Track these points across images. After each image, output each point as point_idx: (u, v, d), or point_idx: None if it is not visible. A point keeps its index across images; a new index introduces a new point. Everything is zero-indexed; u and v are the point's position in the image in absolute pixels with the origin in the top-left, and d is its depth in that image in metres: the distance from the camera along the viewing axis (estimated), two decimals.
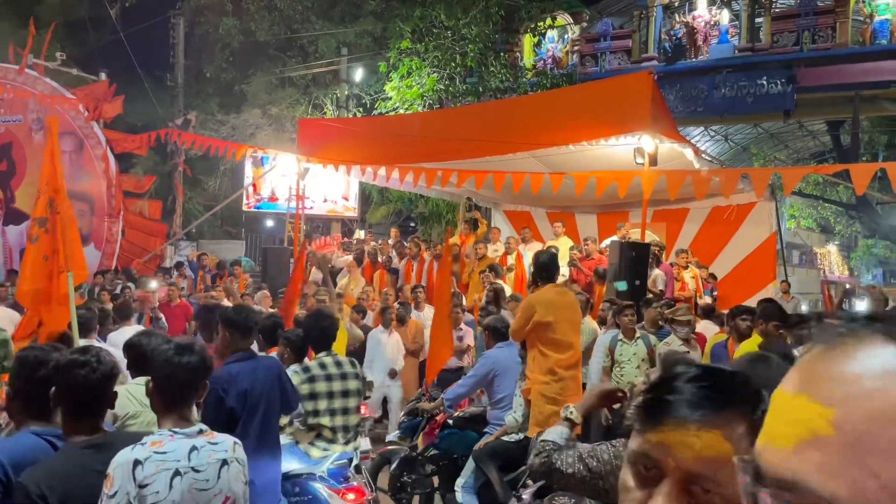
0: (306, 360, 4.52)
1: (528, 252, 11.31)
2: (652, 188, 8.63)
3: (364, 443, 5.23)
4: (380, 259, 11.98)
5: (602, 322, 7.32)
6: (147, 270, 14.15)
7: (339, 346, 6.71)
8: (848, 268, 39.92)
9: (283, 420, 4.24)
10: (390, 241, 13.07)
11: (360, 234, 15.84)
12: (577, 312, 5.38)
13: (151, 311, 9.60)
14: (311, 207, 16.08)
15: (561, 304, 5.06)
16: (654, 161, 8.68)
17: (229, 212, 16.18)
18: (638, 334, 6.43)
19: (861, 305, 33.03)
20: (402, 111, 15.86)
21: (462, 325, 8.12)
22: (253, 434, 3.49)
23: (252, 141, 15.38)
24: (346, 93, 17.56)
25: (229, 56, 17.37)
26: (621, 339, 6.42)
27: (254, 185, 16.01)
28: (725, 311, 7.88)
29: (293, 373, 4.23)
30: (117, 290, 11.74)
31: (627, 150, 8.97)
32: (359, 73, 17.95)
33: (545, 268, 5.21)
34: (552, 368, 4.86)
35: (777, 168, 15.83)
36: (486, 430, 5.39)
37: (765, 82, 15.51)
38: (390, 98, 16.02)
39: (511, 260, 10.69)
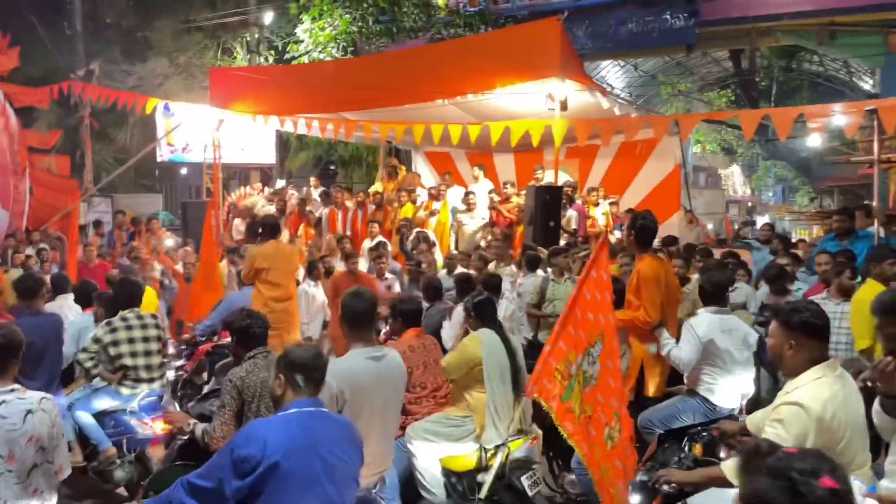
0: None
1: (451, 196, 11.68)
2: (562, 135, 9.05)
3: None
4: (304, 210, 12.05)
5: (519, 266, 7.77)
6: (63, 229, 13.78)
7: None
8: (750, 187, 42.17)
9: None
10: (313, 191, 13.13)
11: (280, 182, 15.77)
12: (291, 262, 6.88)
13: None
14: (227, 158, 15.82)
15: (276, 255, 6.51)
16: (564, 105, 9.08)
17: (143, 163, 15.73)
18: (566, 276, 6.93)
19: (763, 220, 35.04)
20: (315, 54, 15.63)
21: (388, 274, 8.42)
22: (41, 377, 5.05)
23: (161, 91, 14.90)
24: (257, 37, 17.09)
25: (130, 1, 16.54)
26: (553, 280, 6.89)
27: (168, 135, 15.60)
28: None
29: (99, 327, 5.20)
30: (31, 253, 11.47)
31: (540, 95, 9.31)
32: (269, 16, 17.44)
33: (270, 228, 6.80)
34: (266, 302, 6.24)
35: (675, 115, 16.56)
36: None
37: (668, 17, 16.05)
38: (303, 41, 15.75)
39: (438, 205, 10.99)
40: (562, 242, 8.80)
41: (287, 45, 16.49)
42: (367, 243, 9.83)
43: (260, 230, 7.00)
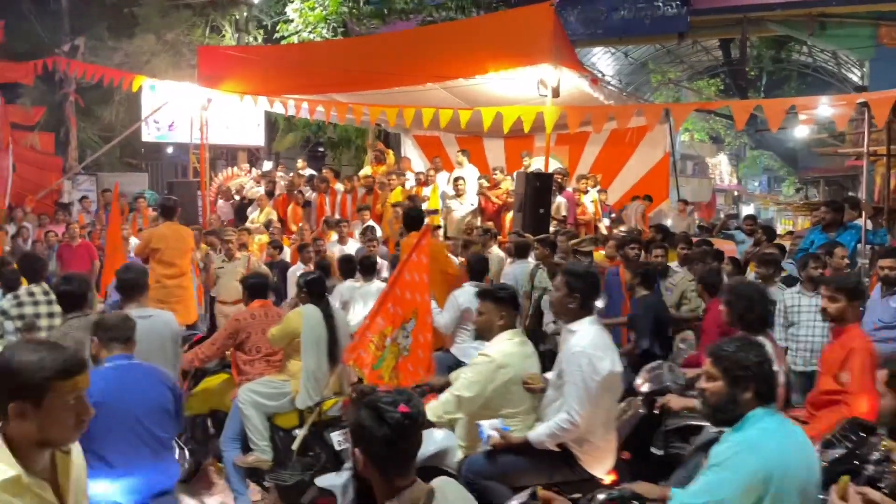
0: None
1: (440, 181, 11.65)
2: (554, 122, 9.03)
3: None
4: (292, 192, 11.98)
5: (508, 253, 7.76)
6: (44, 207, 13.62)
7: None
8: (737, 176, 42.42)
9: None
10: (302, 173, 13.04)
11: (267, 164, 15.64)
12: (186, 241, 7.35)
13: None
14: (213, 138, 15.65)
15: (170, 236, 7.13)
16: (557, 92, 9.05)
17: (128, 141, 15.52)
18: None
19: (748, 210, 35.21)
20: (305, 34, 15.47)
21: (378, 259, 8.38)
22: None
23: (147, 68, 14.68)
24: (246, 15, 16.86)
25: None
26: (541, 268, 6.90)
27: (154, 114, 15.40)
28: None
29: (6, 300, 5.32)
30: (13, 232, 11.34)
31: (532, 81, 9.28)
32: None
33: (167, 210, 7.43)
34: (158, 279, 6.82)
35: (668, 104, 16.52)
36: None
37: (661, 4, 15.98)
38: (293, 21, 15.56)
39: (427, 191, 10.96)
40: (551, 229, 8.82)
41: (276, 24, 16.29)
42: (357, 227, 9.79)
43: (161, 212, 7.63)
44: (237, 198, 13.34)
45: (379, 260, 8.46)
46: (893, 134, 8.31)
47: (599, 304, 4.24)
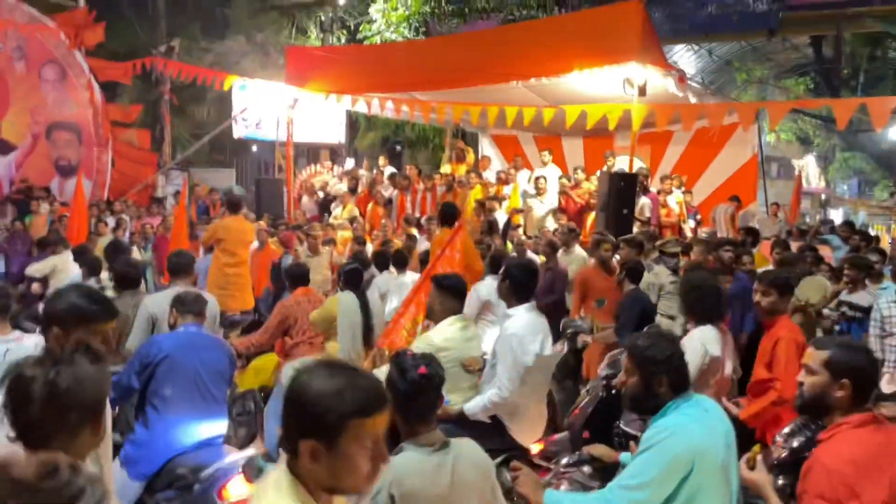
0: None
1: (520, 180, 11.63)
2: (641, 121, 8.88)
3: None
4: (373, 190, 12.18)
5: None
6: (140, 201, 14.31)
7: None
8: (825, 179, 40.60)
9: None
10: (384, 171, 13.24)
11: (349, 162, 15.95)
12: (247, 234, 7.81)
13: None
14: (298, 135, 16.10)
15: (234, 228, 7.47)
16: (643, 90, 8.90)
17: (216, 139, 16.13)
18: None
19: (836, 214, 33.69)
20: (387, 34, 15.71)
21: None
22: None
23: (237, 68, 15.19)
24: (330, 15, 17.25)
25: None
26: None
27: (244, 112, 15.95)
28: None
29: (91, 282, 5.64)
30: (113, 225, 11.93)
31: (617, 79, 9.14)
32: None
33: (231, 205, 7.70)
34: (220, 267, 7.32)
35: (764, 102, 15.97)
36: None
37: (751, 0, 15.50)
38: (375, 21, 15.83)
39: (508, 190, 10.98)
40: (634, 230, 8.68)
41: (359, 24, 16.61)
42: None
43: (225, 205, 8.13)
44: (321, 194, 13.67)
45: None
46: None
47: None
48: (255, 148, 19.35)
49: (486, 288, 5.92)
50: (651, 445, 2.47)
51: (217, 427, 3.85)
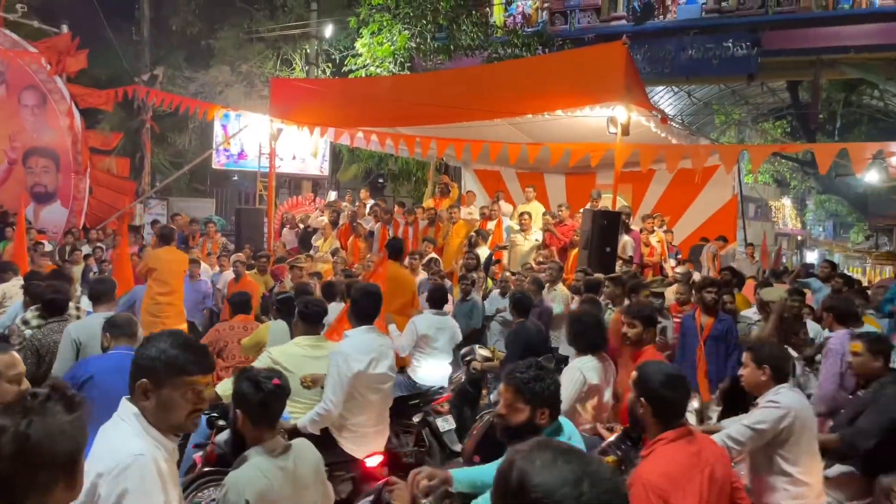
0: None
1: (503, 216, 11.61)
2: (624, 160, 8.92)
3: None
4: (354, 223, 12.09)
5: (576, 291, 7.63)
6: (119, 229, 14.08)
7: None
8: (801, 221, 41.22)
9: None
10: (366, 203, 13.18)
11: (331, 194, 15.87)
12: (180, 264, 8.11)
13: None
14: (280, 167, 16.05)
15: (166, 259, 7.83)
16: (626, 130, 8.95)
17: (196, 168, 16.03)
18: (626, 303, 6.71)
19: (812, 257, 34.08)
20: (372, 69, 15.78)
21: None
22: None
23: (221, 98, 15.19)
24: (316, 48, 17.31)
25: (195, 9, 16.92)
26: (609, 308, 6.67)
27: (226, 141, 15.86)
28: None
29: (29, 312, 5.50)
30: (88, 251, 11.71)
31: (600, 118, 9.20)
32: (329, 29, 17.67)
33: (164, 236, 8.25)
34: (153, 296, 7.62)
35: (746, 146, 16.22)
36: None
37: (730, 45, 15.80)
38: (361, 55, 15.90)
39: (491, 225, 10.95)
40: (617, 269, 8.65)
41: (345, 58, 16.68)
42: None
43: (160, 236, 8.50)
44: (301, 226, 13.56)
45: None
46: None
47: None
48: (235, 178, 19.24)
49: (423, 321, 6.15)
50: None
51: None
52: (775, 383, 3.53)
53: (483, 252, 10.13)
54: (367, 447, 4.30)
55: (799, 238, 39.29)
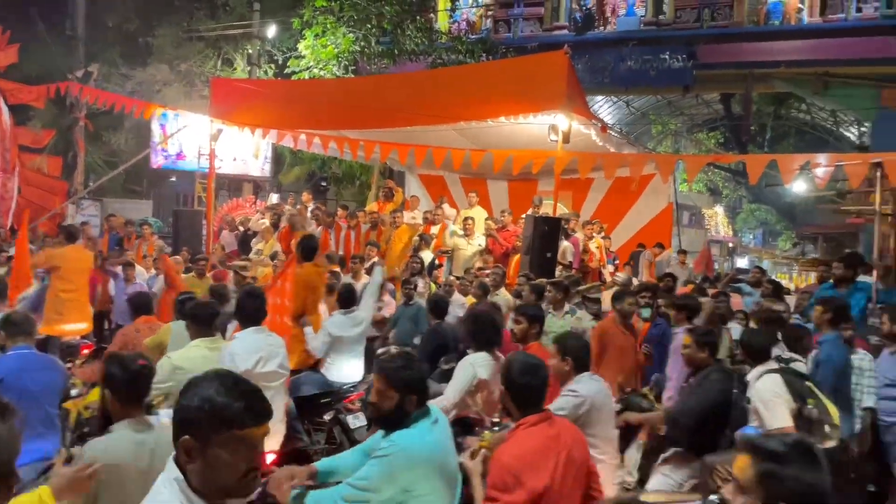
0: None
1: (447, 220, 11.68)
2: (564, 167, 9.09)
3: None
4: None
5: (517, 295, 7.72)
6: (48, 231, 13.57)
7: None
8: (732, 228, 42.69)
9: None
10: (308, 207, 13.05)
11: (272, 197, 15.66)
12: (85, 262, 8.23)
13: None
14: (220, 168, 15.73)
15: (71, 258, 7.96)
16: (567, 138, 9.13)
17: (132, 169, 15.58)
18: (566, 308, 6.86)
19: (742, 263, 35.32)
20: (316, 71, 15.66)
21: (384, 297, 8.35)
22: None
23: (159, 97, 14.81)
24: (258, 49, 17.07)
25: (132, 6, 16.47)
26: (551, 313, 6.81)
27: (164, 141, 15.47)
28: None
29: None
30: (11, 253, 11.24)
31: (542, 126, 9.36)
32: (271, 30, 17.45)
33: (68, 234, 8.40)
34: (56, 293, 7.65)
35: (682, 155, 16.72)
36: None
37: (667, 57, 16.27)
38: (304, 57, 15.77)
39: (434, 230, 10.99)
40: (557, 274, 8.81)
41: (288, 59, 16.50)
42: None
43: (64, 236, 8.62)
44: (241, 229, 13.33)
45: (386, 298, 8.48)
46: None
47: None
48: (174, 179, 18.78)
49: (335, 323, 6.22)
50: (383, 455, 2.74)
51: (54, 445, 3.95)
52: (576, 373, 3.88)
53: (426, 256, 10.17)
54: (269, 444, 4.38)
55: (730, 245, 40.66)
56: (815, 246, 27.71)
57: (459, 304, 7.76)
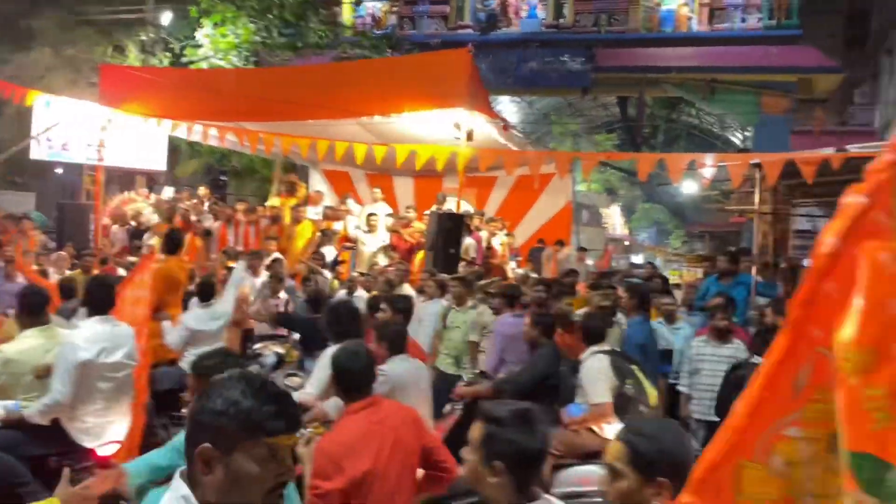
0: None
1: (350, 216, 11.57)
2: (466, 163, 9.20)
3: None
4: (192, 220, 11.53)
5: (421, 291, 7.75)
6: None
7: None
8: (628, 227, 44.46)
9: None
10: (205, 201, 12.62)
11: (167, 190, 15.02)
12: None
13: None
14: (110, 160, 14.87)
15: None
16: (470, 135, 9.24)
17: (13, 158, 14.55)
18: (470, 303, 6.93)
19: (637, 260, 36.89)
20: (215, 61, 15.14)
21: (281, 294, 8.18)
22: None
23: (42, 83, 13.89)
24: (153, 37, 16.33)
25: None
26: (454, 308, 6.90)
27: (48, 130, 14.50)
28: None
29: None
30: None
31: (447, 122, 9.43)
32: (167, 17, 16.72)
33: None
34: None
35: (578, 153, 17.24)
36: None
37: (567, 59, 16.74)
38: (202, 46, 15.21)
39: (338, 226, 10.86)
40: (460, 270, 8.90)
41: (185, 48, 15.86)
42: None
43: None
44: (132, 224, 12.71)
45: (284, 294, 8.31)
46: (778, 194, 9.02)
47: None
48: (60, 171, 17.69)
49: (192, 317, 6.19)
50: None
51: None
52: (391, 355, 4.22)
53: (329, 252, 10.04)
54: (101, 437, 4.35)
55: (626, 243, 42.34)
56: (703, 243, 29.25)
57: (363, 301, 7.71)
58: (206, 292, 6.37)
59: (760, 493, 1.53)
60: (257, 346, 6.61)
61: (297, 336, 6.76)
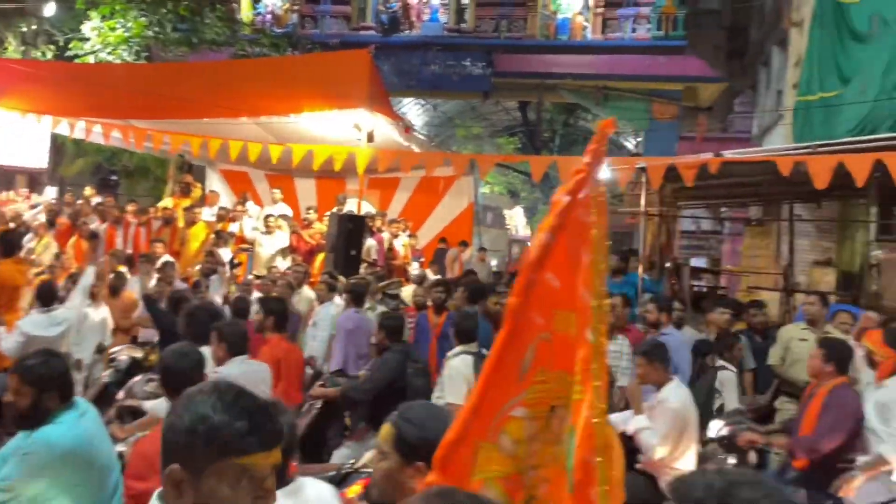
0: None
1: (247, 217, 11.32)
2: (366, 164, 9.20)
3: None
4: (77, 222, 10.95)
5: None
6: None
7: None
8: (531, 229, 45.50)
9: None
10: (91, 201, 12.01)
11: (49, 190, 14.21)
12: None
13: None
14: None
15: None
16: (371, 137, 9.24)
17: None
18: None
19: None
20: (103, 55, 14.43)
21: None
22: None
23: None
24: (35, 28, 15.40)
25: None
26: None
27: None
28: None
29: None
30: None
31: (348, 123, 9.39)
32: (50, 8, 15.80)
33: None
34: None
35: (474, 154, 17.56)
36: None
37: (468, 63, 17.03)
38: (89, 39, 14.46)
39: (234, 227, 10.59)
40: (362, 271, 8.88)
41: (70, 41, 15.04)
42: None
43: None
44: (12, 226, 11.93)
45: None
46: (664, 196, 9.51)
47: None
48: None
49: (29, 323, 5.81)
50: (25, 454, 2.67)
51: None
52: (230, 356, 4.17)
53: (225, 255, 9.78)
54: None
55: (528, 244, 43.31)
56: None
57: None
58: (47, 296, 6.02)
59: (493, 471, 1.69)
60: (113, 350, 6.36)
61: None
